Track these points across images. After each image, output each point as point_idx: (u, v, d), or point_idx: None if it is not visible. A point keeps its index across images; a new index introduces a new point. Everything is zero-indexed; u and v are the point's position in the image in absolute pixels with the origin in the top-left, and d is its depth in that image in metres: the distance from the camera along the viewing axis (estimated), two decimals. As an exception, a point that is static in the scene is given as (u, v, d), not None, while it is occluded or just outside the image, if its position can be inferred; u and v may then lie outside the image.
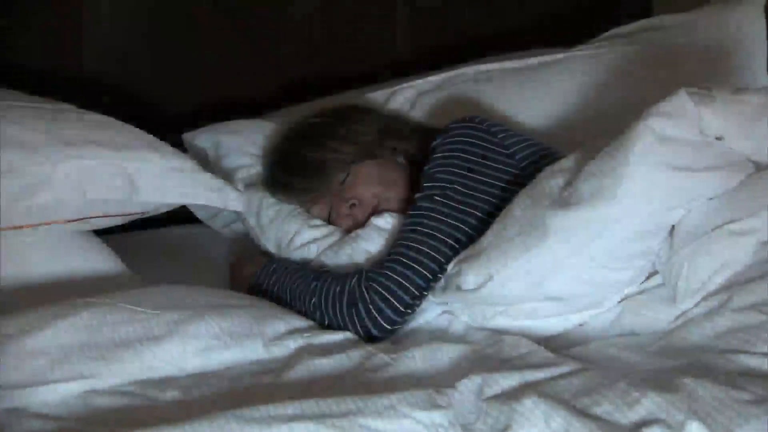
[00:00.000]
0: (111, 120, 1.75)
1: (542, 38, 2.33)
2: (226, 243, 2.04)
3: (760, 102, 1.47)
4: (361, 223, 1.77)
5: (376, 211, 1.77)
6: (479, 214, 1.63)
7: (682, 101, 1.44)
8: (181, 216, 2.05)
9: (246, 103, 2.27)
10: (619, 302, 1.51)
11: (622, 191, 1.41)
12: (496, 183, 1.65)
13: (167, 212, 1.81)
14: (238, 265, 1.83)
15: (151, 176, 1.66)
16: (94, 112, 1.77)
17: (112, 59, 2.15)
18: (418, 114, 2.09)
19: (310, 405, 1.23)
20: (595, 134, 1.86)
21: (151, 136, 1.74)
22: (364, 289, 1.58)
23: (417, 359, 1.41)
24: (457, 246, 1.61)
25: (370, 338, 1.58)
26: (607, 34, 2.20)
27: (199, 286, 1.59)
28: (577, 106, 2.01)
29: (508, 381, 1.29)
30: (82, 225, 1.67)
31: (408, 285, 1.58)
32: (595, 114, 1.98)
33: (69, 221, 1.64)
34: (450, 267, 1.59)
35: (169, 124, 2.13)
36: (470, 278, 1.53)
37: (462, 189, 1.64)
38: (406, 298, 1.58)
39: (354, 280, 1.60)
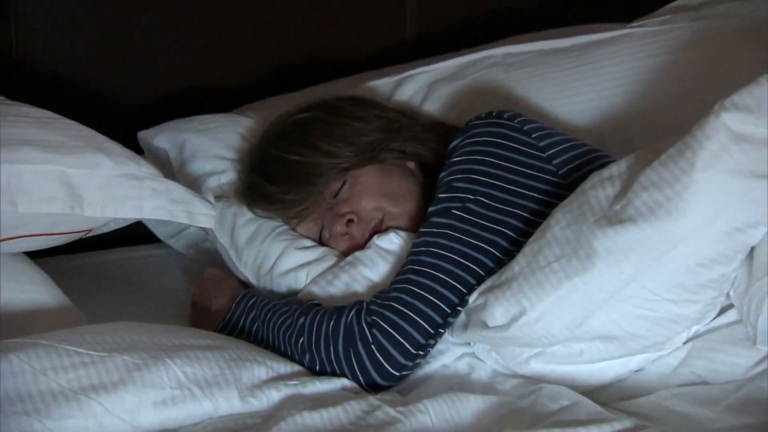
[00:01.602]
0: (48, 114, 1.76)
1: (587, 12, 2.35)
2: (192, 268, 2.05)
3: None
4: (361, 244, 1.79)
5: (380, 229, 1.79)
6: (509, 233, 1.64)
7: (764, 91, 1.45)
8: (137, 235, 2.06)
9: (217, 93, 2.28)
10: (685, 343, 1.52)
11: (689, 204, 1.41)
12: (530, 194, 1.67)
13: (118, 230, 1.83)
14: (205, 297, 1.84)
15: (99, 185, 1.67)
16: (27, 104, 1.79)
17: (48, 37, 2.16)
18: (432, 108, 2.10)
19: (297, 471, 1.24)
20: (655, 133, 1.88)
21: (99, 134, 1.75)
22: (365, 326, 1.60)
23: (431, 414, 1.42)
24: (481, 272, 1.63)
25: (372, 387, 1.59)
26: (672, 5, 2.20)
27: (159, 324, 1.60)
28: (633, 98, 2.01)
29: (545, 441, 1.31)
30: (13, 245, 1.68)
31: (420, 320, 1.59)
32: (656, 108, 1.98)
33: (-4, 241, 1.65)
34: (472, 298, 1.60)
35: (121, 119, 2.15)
36: (498, 312, 1.54)
37: (487, 201, 1.66)
38: (418, 337, 1.59)
39: (352, 315, 1.61)
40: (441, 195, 1.69)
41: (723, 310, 1.51)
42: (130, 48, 2.21)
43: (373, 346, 1.58)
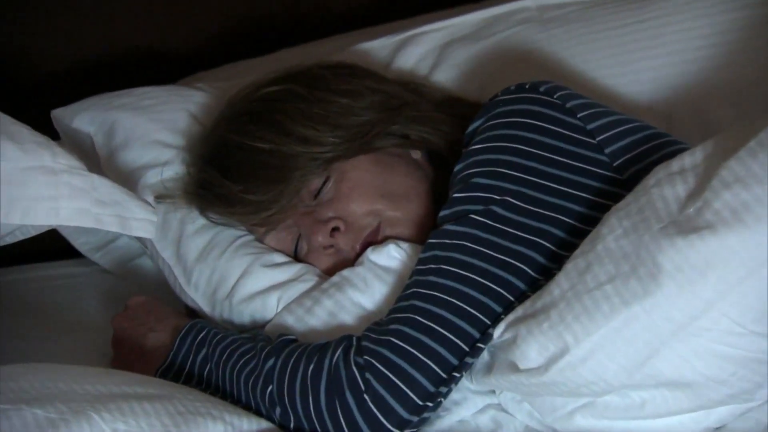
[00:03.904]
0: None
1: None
2: (123, 292, 2.06)
3: None
4: (350, 260, 1.81)
5: (375, 240, 1.80)
6: (546, 245, 1.65)
7: None
8: (50, 248, 2.07)
9: (158, 57, 2.29)
10: (780, 391, 1.54)
11: (785, 206, 1.43)
12: (575, 193, 1.68)
13: (26, 242, 1.84)
14: (136, 332, 1.83)
15: (1, 181, 1.68)
16: None
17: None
18: (445, 78, 2.11)
19: None
20: (741, 112, 1.89)
21: (2, 113, 1.76)
22: (355, 369, 1.60)
23: (444, 485, 1.44)
24: (510, 297, 1.64)
25: (365, 450, 1.61)
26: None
27: (81, 365, 1.61)
28: (713, 65, 2.02)
29: None
30: None
31: (429, 362, 1.60)
32: (743, 78, 1.99)
33: None
34: (498, 332, 1.61)
35: (31, 93, 2.16)
36: (532, 351, 1.55)
37: (517, 203, 1.66)
38: (426, 383, 1.60)
39: (338, 354, 1.62)
40: (457, 195, 1.70)
41: (830, 349, 1.53)
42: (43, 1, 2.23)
43: (366, 396, 1.59)
